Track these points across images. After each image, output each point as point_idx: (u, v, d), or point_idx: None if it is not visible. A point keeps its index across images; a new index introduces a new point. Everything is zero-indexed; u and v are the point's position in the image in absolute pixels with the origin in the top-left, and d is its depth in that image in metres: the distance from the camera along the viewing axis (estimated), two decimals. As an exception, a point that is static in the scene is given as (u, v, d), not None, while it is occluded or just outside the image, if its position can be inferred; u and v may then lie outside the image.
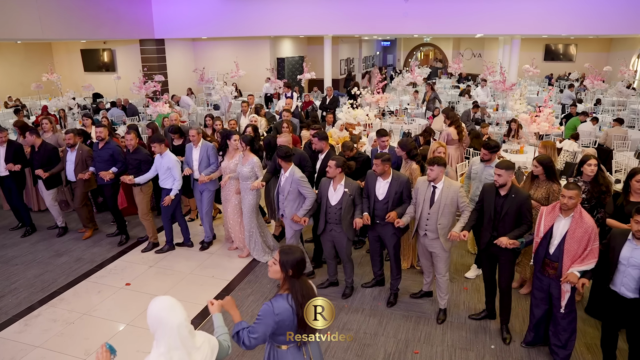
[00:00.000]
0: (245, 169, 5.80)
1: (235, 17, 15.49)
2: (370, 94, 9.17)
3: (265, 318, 2.72)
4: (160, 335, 2.38)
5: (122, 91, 15.81)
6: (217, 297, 5.37)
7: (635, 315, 3.68)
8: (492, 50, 22.63)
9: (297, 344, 2.86)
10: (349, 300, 5.24)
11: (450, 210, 4.55)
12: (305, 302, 2.78)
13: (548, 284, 4.03)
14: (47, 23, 12.27)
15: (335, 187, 4.95)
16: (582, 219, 3.78)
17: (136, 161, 6.31)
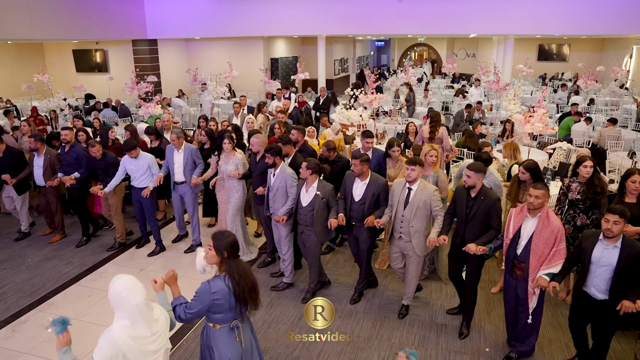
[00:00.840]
0: (230, 167, 5.81)
1: (228, 17, 15.40)
2: (364, 94, 9.12)
3: (202, 296, 2.93)
4: (122, 311, 2.59)
5: (114, 92, 15.69)
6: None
7: (602, 316, 3.68)
8: (486, 50, 22.69)
9: (230, 326, 3.06)
10: (342, 303, 5.18)
11: (423, 213, 4.51)
12: (241, 281, 2.95)
13: (515, 285, 4.04)
14: (38, 23, 12.15)
15: (308, 188, 4.92)
16: (548, 220, 3.77)
17: (103, 165, 6.31)
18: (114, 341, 2.56)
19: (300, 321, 4.88)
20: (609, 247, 3.58)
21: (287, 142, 5.64)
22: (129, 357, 2.57)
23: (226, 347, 3.06)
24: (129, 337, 2.58)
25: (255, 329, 4.67)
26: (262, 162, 5.52)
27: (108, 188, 6.17)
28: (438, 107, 14.90)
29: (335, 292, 5.40)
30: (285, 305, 5.19)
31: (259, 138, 5.63)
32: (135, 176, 6.18)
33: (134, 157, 6.07)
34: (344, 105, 8.09)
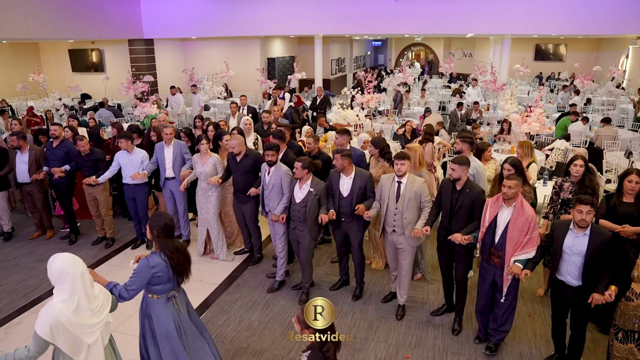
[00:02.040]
0: (207, 168, 5.84)
1: (225, 17, 15.35)
2: (360, 94, 9.10)
3: (142, 272, 3.22)
4: (64, 284, 2.76)
5: (110, 92, 15.60)
6: (205, 300, 5.27)
7: (579, 301, 3.79)
8: (483, 50, 22.68)
9: (167, 296, 3.36)
10: (338, 303, 5.14)
11: (414, 204, 4.61)
12: (174, 256, 3.28)
13: (493, 272, 4.16)
14: (33, 22, 12.06)
15: (301, 185, 4.97)
16: (522, 209, 3.93)
17: (92, 161, 6.37)
18: (54, 314, 2.71)
19: (297, 322, 4.84)
20: (579, 235, 3.72)
21: (279, 137, 5.70)
22: (68, 329, 2.74)
23: (164, 315, 3.36)
24: (68, 311, 2.74)
25: (252, 330, 4.65)
26: (245, 161, 5.64)
27: (102, 178, 6.24)
28: (435, 107, 14.88)
29: (331, 293, 5.37)
30: (282, 305, 5.16)
31: (238, 139, 5.66)
32: (127, 171, 6.23)
33: (125, 149, 6.15)
34: (341, 105, 8.05)
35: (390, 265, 5.10)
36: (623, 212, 4.24)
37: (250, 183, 5.68)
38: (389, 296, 5.20)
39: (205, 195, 6.00)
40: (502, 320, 4.25)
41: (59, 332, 2.71)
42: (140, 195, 6.39)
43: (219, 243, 6.16)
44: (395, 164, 4.58)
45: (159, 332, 3.38)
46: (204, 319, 4.91)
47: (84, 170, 6.43)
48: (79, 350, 2.81)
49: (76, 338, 2.78)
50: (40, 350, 2.75)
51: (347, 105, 8.19)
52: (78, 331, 2.77)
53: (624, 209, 4.26)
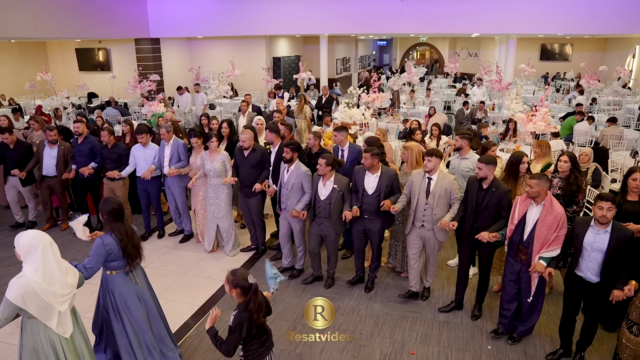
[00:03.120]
0: (216, 165, 5.92)
1: (231, 17, 15.42)
2: (366, 93, 9.15)
3: (97, 250, 3.51)
4: (35, 256, 2.96)
5: (117, 90, 15.70)
6: (212, 297, 5.33)
7: (595, 297, 3.88)
8: (489, 49, 22.65)
9: (124, 271, 3.69)
10: (344, 300, 5.20)
11: (444, 201, 4.72)
12: (123, 237, 3.60)
13: (519, 269, 4.23)
14: (41, 22, 12.18)
15: (325, 182, 5.06)
16: (552, 207, 3.98)
17: (116, 155, 6.56)
18: (25, 281, 2.91)
19: (303, 318, 4.89)
20: (600, 232, 3.75)
21: (274, 130, 5.87)
22: (41, 296, 2.93)
23: (124, 288, 3.70)
24: (39, 279, 2.93)
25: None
26: (252, 156, 5.80)
27: (125, 172, 6.46)
28: (440, 107, 14.90)
29: (338, 290, 5.43)
30: (288, 302, 5.22)
31: (248, 133, 5.79)
32: (141, 165, 6.43)
33: (144, 143, 6.38)
34: (347, 104, 8.10)
35: (410, 263, 5.11)
36: (627, 210, 4.27)
37: (256, 177, 5.82)
38: (407, 294, 5.20)
39: (216, 191, 6.07)
40: (528, 314, 4.33)
41: (30, 299, 2.90)
42: (153, 189, 6.59)
43: (229, 238, 6.27)
44: (424, 159, 4.73)
45: (121, 305, 3.70)
46: (212, 315, 4.97)
47: (107, 163, 6.60)
48: (50, 317, 3.02)
49: (48, 305, 2.98)
50: (9, 317, 2.93)
51: (354, 105, 8.22)
52: (51, 299, 2.97)
53: (628, 207, 4.29)
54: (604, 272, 3.76)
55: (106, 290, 3.72)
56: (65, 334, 3.13)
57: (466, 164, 5.48)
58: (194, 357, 4.36)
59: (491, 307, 5.03)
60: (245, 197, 6.04)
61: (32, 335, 3.05)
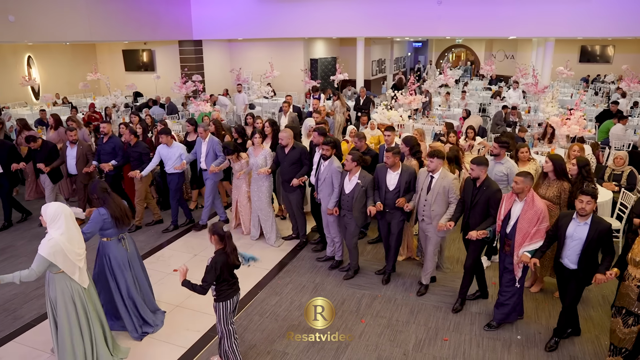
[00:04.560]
0: (259, 160, 6.43)
1: (270, 19, 15.89)
2: (403, 95, 9.43)
3: (95, 219, 4.31)
4: (59, 222, 3.73)
5: (160, 90, 16.43)
6: (260, 282, 5.76)
7: (573, 282, 4.28)
8: (526, 52, 22.44)
9: (117, 238, 4.48)
10: (381, 290, 5.55)
11: (442, 198, 5.06)
12: (116, 210, 4.38)
13: (504, 259, 4.65)
14: (95, 26, 12.97)
15: (350, 177, 5.50)
16: (533, 203, 4.36)
17: (137, 153, 7.16)
18: (55, 241, 3.68)
19: (343, 305, 5.28)
20: (581, 224, 4.12)
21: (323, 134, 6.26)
22: (66, 254, 3.72)
23: (117, 253, 4.50)
24: (65, 240, 3.72)
25: (302, 310, 5.10)
26: (292, 154, 6.25)
27: (145, 171, 6.98)
28: (475, 109, 14.98)
29: (374, 281, 5.78)
30: (329, 290, 5.60)
31: (288, 132, 6.27)
32: (167, 163, 7.04)
33: (165, 143, 6.93)
34: (385, 105, 8.42)
35: (423, 252, 5.61)
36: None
37: (296, 173, 6.29)
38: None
39: (257, 184, 6.57)
40: (505, 304, 4.71)
41: (58, 255, 3.68)
42: (173, 183, 7.18)
43: (270, 229, 6.71)
44: (425, 160, 5.12)
45: (115, 266, 4.52)
46: (258, 299, 5.42)
47: (131, 161, 7.23)
48: (74, 271, 3.83)
49: (70, 262, 3.77)
50: (41, 269, 3.68)
51: (391, 106, 8.53)
52: (73, 257, 3.78)
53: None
54: (581, 260, 4.15)
55: (102, 255, 4.52)
56: (84, 283, 3.96)
57: (500, 168, 5.66)
58: (245, 334, 4.79)
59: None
60: (286, 192, 6.50)
61: (59, 287, 3.84)
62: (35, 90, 16.34)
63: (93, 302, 4.10)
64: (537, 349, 4.55)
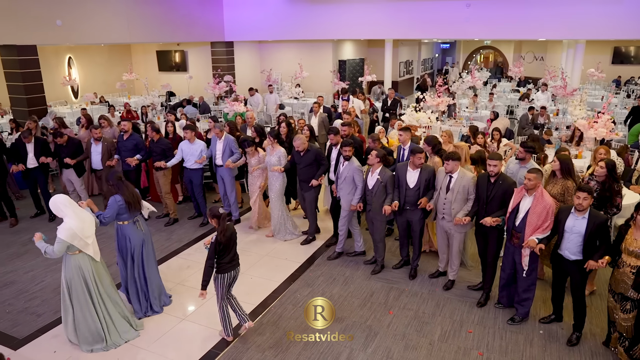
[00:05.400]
0: (273, 159, 6.82)
1: (300, 21, 16.23)
2: (431, 97, 9.63)
3: (112, 205, 4.89)
4: (67, 210, 4.38)
5: (192, 89, 16.97)
6: (291, 275, 6.09)
7: (576, 272, 4.54)
8: (556, 53, 22.20)
9: (132, 221, 5.09)
10: (408, 284, 5.81)
11: (462, 197, 5.32)
12: (129, 196, 4.98)
13: (513, 251, 4.87)
14: (134, 28, 13.55)
15: (373, 173, 5.84)
16: (542, 197, 4.60)
17: (160, 149, 7.65)
18: (69, 226, 4.33)
19: (372, 297, 5.56)
20: (579, 218, 4.40)
21: (336, 132, 6.65)
22: (79, 235, 4.36)
23: (134, 234, 5.10)
24: (78, 223, 4.37)
25: (333, 301, 5.42)
26: (307, 156, 6.62)
27: (170, 163, 7.54)
28: (503, 111, 15.02)
29: (401, 275, 6.04)
30: (359, 283, 5.89)
31: (301, 138, 6.65)
32: (188, 158, 7.51)
33: (189, 138, 7.44)
34: (414, 107, 8.64)
35: (439, 248, 5.88)
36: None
37: (312, 174, 6.68)
38: (436, 273, 6.00)
39: (270, 182, 7.01)
40: (523, 296, 4.95)
41: (74, 237, 4.33)
42: (196, 178, 7.62)
43: (280, 226, 7.12)
44: (445, 163, 5.38)
45: (134, 245, 5.12)
46: (291, 290, 5.74)
47: (154, 156, 7.68)
48: (87, 247, 4.47)
49: (83, 241, 4.42)
50: (61, 250, 4.33)
51: (420, 108, 8.74)
52: (85, 236, 4.42)
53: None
54: (584, 251, 4.42)
55: (122, 236, 5.13)
56: (97, 256, 4.61)
57: (525, 172, 5.80)
58: (279, 322, 5.11)
59: (544, 298, 5.45)
60: (302, 191, 6.95)
61: (74, 267, 4.49)
62: (74, 90, 17.09)
63: (103, 281, 4.69)
64: (558, 343, 4.74)
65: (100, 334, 4.67)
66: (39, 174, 8.00)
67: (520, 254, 4.78)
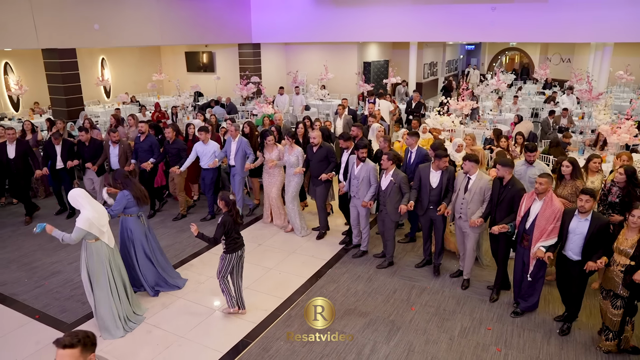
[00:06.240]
0: (292, 158, 7.20)
1: (325, 24, 16.49)
2: (455, 101, 9.79)
3: (121, 199, 5.37)
4: (83, 202, 4.80)
5: (219, 90, 17.42)
6: (318, 271, 6.38)
7: (577, 272, 4.78)
8: (583, 55, 21.93)
9: (137, 215, 5.57)
10: (430, 282, 6.05)
11: (479, 198, 5.55)
12: (137, 191, 5.48)
13: (523, 253, 5.12)
14: (166, 31, 14.06)
15: (387, 175, 6.13)
16: (552, 202, 4.82)
17: (175, 149, 8.04)
18: (86, 216, 4.75)
19: (395, 294, 5.81)
20: (582, 220, 4.64)
21: (347, 138, 7.00)
22: (95, 224, 4.80)
23: (136, 227, 5.59)
24: (93, 212, 4.81)
25: (357, 297, 5.67)
26: (319, 152, 7.02)
27: (183, 167, 7.84)
28: (527, 114, 15.02)
29: (424, 273, 6.29)
30: (382, 280, 6.15)
31: (317, 133, 7.04)
32: (203, 158, 7.86)
33: (203, 140, 7.76)
34: (438, 111, 8.84)
35: (458, 247, 6.15)
36: None
37: (323, 170, 7.05)
38: (457, 272, 6.23)
39: (287, 180, 7.39)
40: (528, 293, 5.25)
41: (91, 225, 4.75)
42: (209, 178, 8.01)
43: (294, 222, 7.49)
44: (463, 163, 5.67)
45: (135, 237, 5.59)
46: (317, 286, 6.03)
47: (169, 156, 8.06)
48: (103, 235, 4.91)
49: (99, 229, 4.84)
50: (79, 237, 4.75)
51: (444, 112, 8.93)
52: (101, 225, 4.86)
53: None
54: (584, 252, 4.65)
55: (124, 228, 5.59)
56: (111, 243, 5.04)
57: (533, 171, 6.06)
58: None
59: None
60: (314, 186, 7.31)
61: (95, 253, 4.92)
62: (106, 89, 17.73)
63: (118, 265, 5.18)
64: (575, 343, 4.92)
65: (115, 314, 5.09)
66: (65, 175, 8.43)
67: (528, 255, 5.01)
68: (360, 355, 4.75)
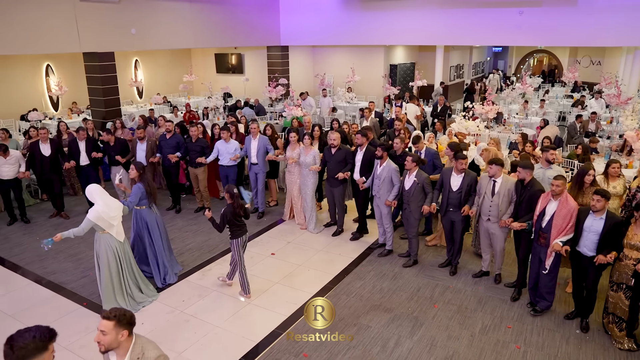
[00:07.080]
0: (308, 159, 7.52)
1: (353, 27, 16.69)
2: (480, 105, 9.94)
3: (137, 192, 5.98)
4: (97, 197, 5.30)
5: (248, 91, 17.85)
6: (345, 269, 6.67)
7: (592, 267, 5.00)
8: (614, 57, 21.63)
9: (149, 206, 6.18)
10: (453, 281, 6.28)
11: (507, 199, 5.80)
12: (150, 184, 6.15)
13: (539, 251, 5.35)
14: (198, 34, 14.53)
15: (410, 176, 6.36)
16: (567, 202, 5.10)
17: (199, 147, 8.53)
18: (97, 210, 5.22)
19: (419, 291, 6.06)
20: (597, 218, 4.91)
21: (365, 134, 7.25)
22: (105, 218, 5.27)
23: (150, 217, 6.20)
24: (105, 207, 5.29)
25: (383, 294, 5.94)
26: (338, 154, 7.29)
27: (209, 159, 8.37)
28: (554, 118, 14.98)
29: (445, 273, 6.50)
30: (407, 279, 6.41)
31: (336, 135, 7.31)
32: (224, 156, 8.33)
33: (224, 139, 8.27)
34: (463, 115, 9.02)
35: (482, 249, 6.38)
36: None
37: (340, 171, 7.26)
38: (479, 273, 6.45)
39: (305, 179, 7.70)
40: (545, 290, 5.45)
41: (100, 218, 5.23)
42: (232, 174, 8.50)
43: (311, 218, 7.86)
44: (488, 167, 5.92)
45: (151, 226, 6.20)
46: (344, 282, 6.32)
47: (192, 154, 8.50)
48: (111, 227, 5.38)
49: (108, 223, 5.32)
50: (87, 228, 5.22)
51: (470, 116, 9.10)
52: (110, 219, 5.33)
53: None
54: (599, 248, 4.89)
55: (139, 219, 6.20)
56: (120, 237, 5.51)
57: (551, 173, 6.25)
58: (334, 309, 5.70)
59: (584, 301, 5.76)
60: (330, 187, 7.58)
61: (103, 243, 5.43)
62: (139, 90, 18.37)
63: (127, 255, 5.68)
64: (594, 343, 5.09)
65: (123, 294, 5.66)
66: (90, 170, 8.89)
67: (546, 253, 5.24)
68: (385, 348, 5.02)
